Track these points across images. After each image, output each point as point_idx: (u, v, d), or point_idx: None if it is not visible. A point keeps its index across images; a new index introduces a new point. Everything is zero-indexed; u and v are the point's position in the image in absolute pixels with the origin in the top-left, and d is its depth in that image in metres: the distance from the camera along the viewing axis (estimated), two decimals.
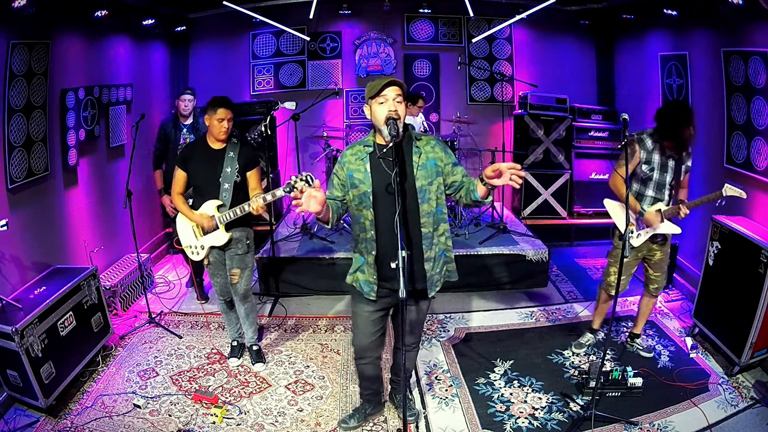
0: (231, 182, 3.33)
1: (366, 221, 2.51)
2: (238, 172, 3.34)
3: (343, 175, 2.53)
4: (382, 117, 2.37)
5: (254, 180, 3.41)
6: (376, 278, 2.57)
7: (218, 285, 3.60)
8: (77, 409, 3.20)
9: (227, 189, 3.33)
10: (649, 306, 3.68)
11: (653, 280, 3.55)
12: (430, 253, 2.56)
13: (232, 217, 3.30)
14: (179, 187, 3.43)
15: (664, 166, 3.27)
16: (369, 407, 3.09)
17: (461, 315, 4.40)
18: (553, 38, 6.41)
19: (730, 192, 3.09)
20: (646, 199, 3.35)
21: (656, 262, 3.48)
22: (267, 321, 4.33)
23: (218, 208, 3.34)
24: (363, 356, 2.83)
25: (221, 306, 3.73)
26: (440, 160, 2.50)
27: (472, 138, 6.36)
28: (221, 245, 3.41)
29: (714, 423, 2.97)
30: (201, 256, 3.45)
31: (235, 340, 3.82)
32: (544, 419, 3.08)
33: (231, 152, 3.35)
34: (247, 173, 3.39)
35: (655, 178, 3.30)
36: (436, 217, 2.54)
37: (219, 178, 3.33)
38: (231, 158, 3.33)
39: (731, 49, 3.88)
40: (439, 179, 2.50)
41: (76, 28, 4.19)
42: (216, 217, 3.33)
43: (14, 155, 3.47)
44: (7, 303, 3.11)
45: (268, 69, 6.39)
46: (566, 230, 6.06)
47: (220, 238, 3.37)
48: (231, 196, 3.33)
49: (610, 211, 3.50)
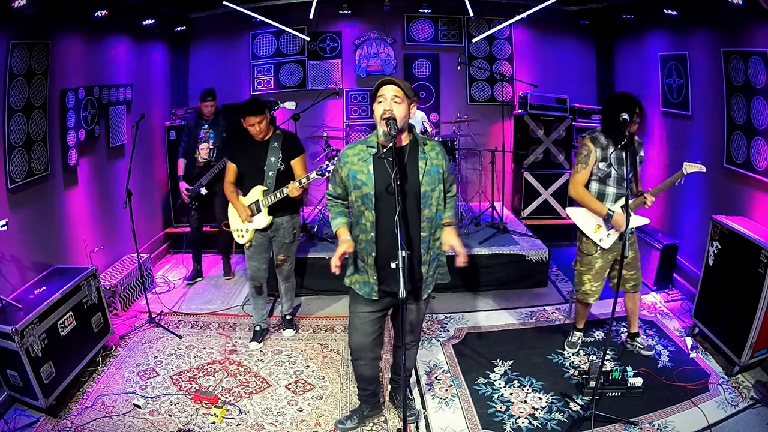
0: (275, 170, 3.63)
1: (367, 222, 2.51)
2: (281, 161, 3.64)
3: (344, 174, 2.54)
4: (379, 116, 2.38)
5: (299, 167, 3.71)
6: (376, 279, 2.58)
7: (253, 269, 3.86)
8: (77, 409, 3.20)
9: (271, 176, 3.63)
10: (635, 303, 3.66)
11: (628, 279, 3.52)
12: (426, 256, 2.59)
13: (273, 201, 3.60)
14: (231, 177, 3.75)
15: (621, 160, 3.24)
16: (366, 408, 3.06)
17: (461, 315, 4.40)
18: (553, 38, 6.41)
19: (690, 169, 3.09)
20: (609, 197, 3.33)
21: (629, 262, 3.45)
22: (267, 321, 4.32)
23: (263, 192, 3.65)
24: (360, 357, 2.81)
25: (251, 290, 3.96)
26: (442, 167, 2.56)
27: (472, 138, 6.36)
28: (263, 227, 3.69)
29: (714, 423, 2.97)
30: (245, 239, 3.76)
31: (258, 325, 4.02)
32: (544, 419, 3.08)
33: (275, 143, 3.64)
34: (292, 162, 3.69)
35: (614, 174, 3.28)
36: (435, 223, 2.57)
37: (264, 167, 3.62)
38: (275, 148, 3.63)
39: (731, 49, 3.88)
40: (441, 186, 2.55)
41: (76, 28, 4.19)
42: (260, 201, 3.65)
43: (14, 155, 3.47)
44: (7, 303, 3.11)
45: (268, 69, 6.39)
46: (566, 230, 6.04)
47: (263, 221, 3.67)
48: (275, 182, 3.63)
49: (574, 219, 3.46)
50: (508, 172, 5.95)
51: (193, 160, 4.86)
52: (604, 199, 3.34)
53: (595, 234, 3.40)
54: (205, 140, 4.82)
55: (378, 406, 3.13)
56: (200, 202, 4.91)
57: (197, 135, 4.84)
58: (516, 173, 6.24)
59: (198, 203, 4.92)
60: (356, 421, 3.02)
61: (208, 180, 4.76)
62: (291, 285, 4.07)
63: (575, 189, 3.38)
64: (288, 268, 3.95)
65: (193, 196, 4.85)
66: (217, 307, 4.61)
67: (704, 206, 4.37)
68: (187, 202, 4.90)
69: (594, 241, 3.40)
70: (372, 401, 3.06)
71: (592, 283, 3.49)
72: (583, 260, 3.49)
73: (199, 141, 4.83)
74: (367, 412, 3.07)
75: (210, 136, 4.82)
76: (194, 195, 4.84)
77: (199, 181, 4.79)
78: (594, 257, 3.44)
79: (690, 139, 4.65)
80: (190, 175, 4.87)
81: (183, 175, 4.91)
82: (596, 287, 3.51)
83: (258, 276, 3.87)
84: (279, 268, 3.92)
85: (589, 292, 3.52)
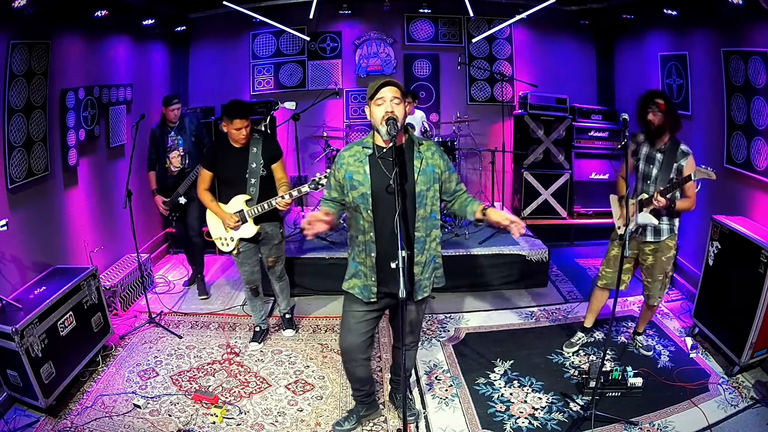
0: (257, 177, 3.51)
1: (365, 223, 2.51)
2: (263, 166, 3.52)
3: (341, 176, 2.54)
4: (380, 118, 2.38)
5: (280, 170, 3.59)
6: (375, 280, 2.57)
7: (246, 273, 3.80)
8: (77, 409, 3.20)
9: (254, 184, 3.51)
10: (646, 312, 3.71)
11: (646, 286, 3.55)
12: (421, 257, 2.58)
13: (260, 212, 3.49)
14: (205, 184, 3.61)
15: (650, 158, 3.31)
16: (362, 409, 3.04)
17: (461, 315, 4.40)
18: (553, 38, 6.41)
19: (699, 175, 3.07)
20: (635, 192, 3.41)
21: (648, 267, 3.46)
22: (267, 321, 4.32)
23: (246, 202, 3.53)
24: (351, 357, 2.77)
25: (247, 293, 3.92)
26: (438, 167, 2.55)
27: (473, 138, 6.36)
28: (250, 237, 3.60)
29: (714, 423, 2.97)
30: (230, 247, 3.67)
31: (258, 326, 4.00)
32: (544, 419, 3.08)
33: (254, 148, 3.50)
34: (272, 165, 3.57)
35: (641, 169, 3.36)
36: (430, 223, 2.56)
37: (246, 174, 3.50)
38: (255, 154, 3.50)
39: (731, 49, 3.88)
40: (436, 186, 2.55)
41: (76, 28, 4.19)
42: (245, 211, 3.53)
43: (14, 155, 3.47)
44: (7, 303, 3.11)
45: (268, 69, 6.39)
46: (566, 230, 6.05)
47: (249, 230, 3.57)
48: (258, 190, 3.52)
49: (612, 204, 3.64)
50: (508, 172, 5.95)
51: (165, 170, 4.52)
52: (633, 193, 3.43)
53: (617, 221, 3.55)
54: (174, 148, 4.48)
55: (375, 406, 3.11)
56: (180, 211, 4.61)
57: (165, 143, 4.49)
58: (516, 173, 6.24)
59: (179, 212, 4.63)
60: (354, 422, 3.01)
61: (185, 189, 4.49)
62: (285, 284, 4.05)
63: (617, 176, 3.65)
64: (280, 267, 3.92)
65: (171, 208, 4.57)
66: (217, 307, 4.61)
67: (704, 206, 4.36)
68: (166, 215, 4.64)
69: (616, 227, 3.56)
70: (367, 401, 3.03)
71: (605, 267, 3.62)
72: (609, 244, 3.62)
73: (168, 150, 4.48)
74: (364, 412, 3.04)
75: (179, 142, 4.50)
76: (172, 206, 4.56)
77: (176, 191, 4.50)
78: (613, 243, 3.58)
79: (690, 139, 4.63)
80: (164, 186, 4.56)
81: (156, 188, 4.60)
82: (606, 272, 3.60)
83: (253, 279, 3.83)
84: (271, 269, 3.89)
85: (600, 275, 3.66)
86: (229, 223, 3.56)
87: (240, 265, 3.78)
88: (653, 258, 3.41)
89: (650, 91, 3.34)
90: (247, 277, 3.82)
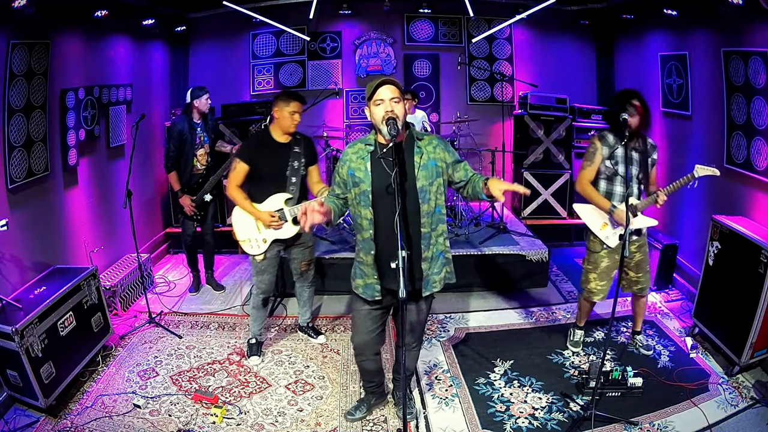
0: (298, 176, 3.42)
1: (364, 220, 2.51)
2: (304, 166, 3.44)
3: (344, 172, 2.55)
4: (380, 117, 2.38)
5: (316, 173, 3.53)
6: (377, 278, 2.58)
7: (266, 283, 3.60)
8: (77, 409, 3.20)
9: (295, 183, 3.41)
10: (640, 305, 3.66)
11: (636, 281, 3.50)
12: (428, 253, 2.57)
13: None
14: (238, 180, 3.39)
15: (629, 159, 3.22)
16: (373, 398, 3.15)
17: (461, 315, 4.40)
18: (553, 38, 6.41)
19: (702, 172, 3.05)
20: (616, 197, 3.33)
21: (636, 263, 3.44)
22: (267, 321, 4.32)
23: (286, 201, 3.41)
24: (362, 353, 2.87)
25: (258, 302, 3.66)
26: (441, 160, 2.52)
27: (472, 138, 6.36)
28: (288, 238, 3.47)
29: (714, 423, 2.97)
30: (261, 250, 3.46)
31: (254, 337, 3.78)
32: (544, 419, 3.08)
33: (296, 147, 3.41)
34: (310, 167, 3.50)
35: (620, 172, 3.25)
36: (435, 217, 2.55)
37: (287, 172, 3.39)
38: (297, 153, 3.40)
39: (731, 49, 3.88)
40: (440, 180, 2.52)
41: (76, 28, 4.19)
42: (285, 211, 3.40)
43: (14, 155, 3.47)
44: (7, 303, 3.11)
45: (268, 69, 6.39)
46: (566, 230, 6.05)
47: (289, 231, 3.44)
48: (299, 189, 3.43)
49: (581, 215, 3.45)
50: (508, 172, 5.95)
51: (191, 168, 4.43)
52: (612, 198, 3.33)
53: (602, 232, 3.37)
54: (201, 145, 4.44)
55: (384, 395, 3.22)
56: (204, 210, 4.59)
57: (193, 141, 4.37)
58: (516, 173, 6.23)
59: (203, 212, 4.59)
60: (364, 410, 3.11)
61: (212, 186, 4.46)
62: (313, 291, 3.93)
63: (580, 184, 3.39)
64: (312, 272, 3.81)
65: (197, 206, 4.50)
66: (217, 307, 4.61)
67: (704, 206, 4.36)
68: (191, 213, 4.50)
69: (601, 239, 3.38)
70: (378, 391, 3.15)
71: (597, 282, 3.47)
72: (590, 258, 3.48)
73: (195, 147, 4.39)
74: (374, 401, 3.16)
75: (204, 139, 4.46)
76: (199, 204, 4.49)
77: (203, 189, 4.45)
78: (600, 255, 3.42)
79: (690, 139, 4.65)
80: (190, 185, 4.46)
81: (182, 188, 4.44)
82: (601, 286, 3.48)
83: (270, 289, 3.67)
84: (304, 274, 3.73)
85: (594, 291, 3.50)
86: (270, 223, 3.37)
87: (261, 272, 3.55)
88: (640, 253, 3.43)
89: (625, 90, 3.25)
90: (266, 287, 3.61)
